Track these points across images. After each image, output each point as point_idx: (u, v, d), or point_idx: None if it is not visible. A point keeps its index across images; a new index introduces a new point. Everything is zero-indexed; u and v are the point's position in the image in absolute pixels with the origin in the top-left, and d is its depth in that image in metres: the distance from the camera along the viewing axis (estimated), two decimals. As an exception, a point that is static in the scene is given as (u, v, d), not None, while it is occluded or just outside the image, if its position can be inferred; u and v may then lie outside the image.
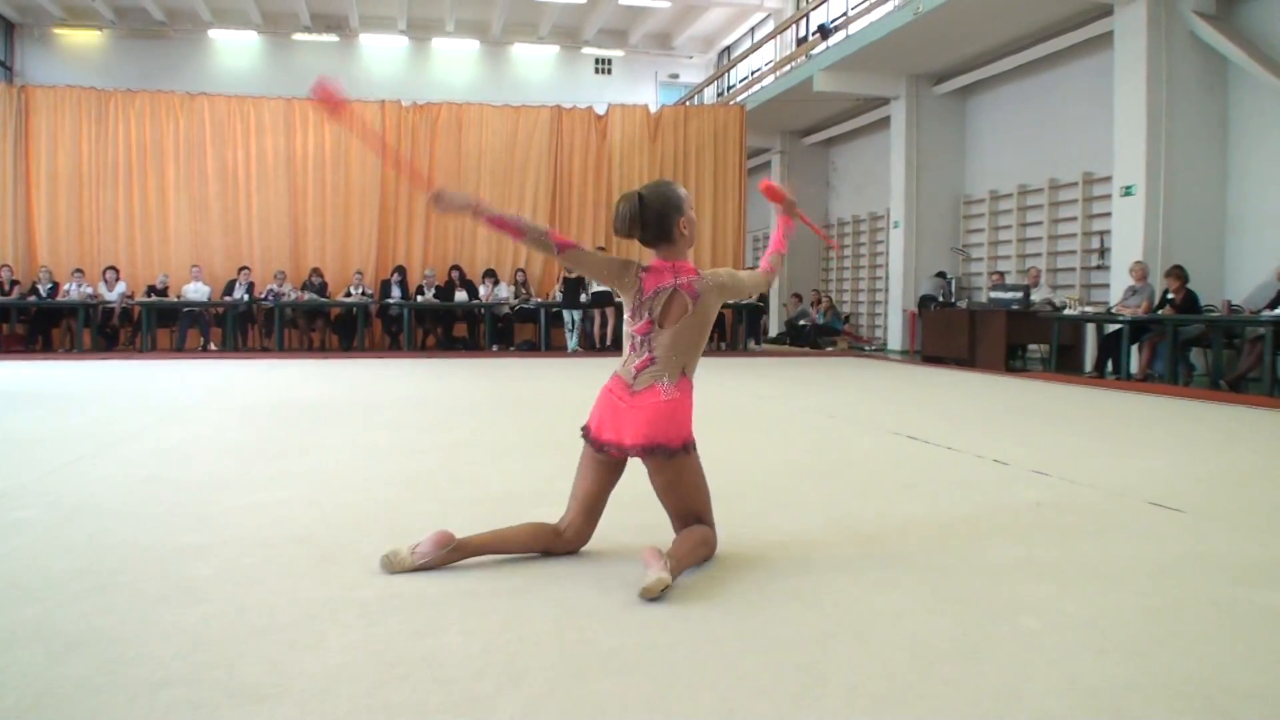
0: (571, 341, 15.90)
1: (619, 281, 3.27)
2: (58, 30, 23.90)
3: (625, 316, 3.31)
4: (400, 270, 16.32)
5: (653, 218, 3.19)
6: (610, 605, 2.73)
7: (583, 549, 3.32)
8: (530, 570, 3.08)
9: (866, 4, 18.13)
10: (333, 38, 25.31)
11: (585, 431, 3.31)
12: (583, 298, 15.78)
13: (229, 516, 3.79)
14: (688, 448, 3.20)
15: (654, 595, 2.78)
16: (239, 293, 15.39)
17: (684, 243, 3.24)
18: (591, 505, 3.30)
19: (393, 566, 3.03)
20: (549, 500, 4.12)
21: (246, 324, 15.91)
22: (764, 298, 18.33)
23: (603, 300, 15.69)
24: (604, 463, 3.28)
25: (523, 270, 16.76)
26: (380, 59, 25.75)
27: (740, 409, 7.95)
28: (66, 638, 2.41)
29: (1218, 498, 4.45)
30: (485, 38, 26.06)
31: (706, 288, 3.21)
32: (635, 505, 3.62)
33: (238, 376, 10.81)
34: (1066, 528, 3.76)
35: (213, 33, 24.65)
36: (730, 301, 3.65)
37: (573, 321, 15.88)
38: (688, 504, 3.25)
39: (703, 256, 17.64)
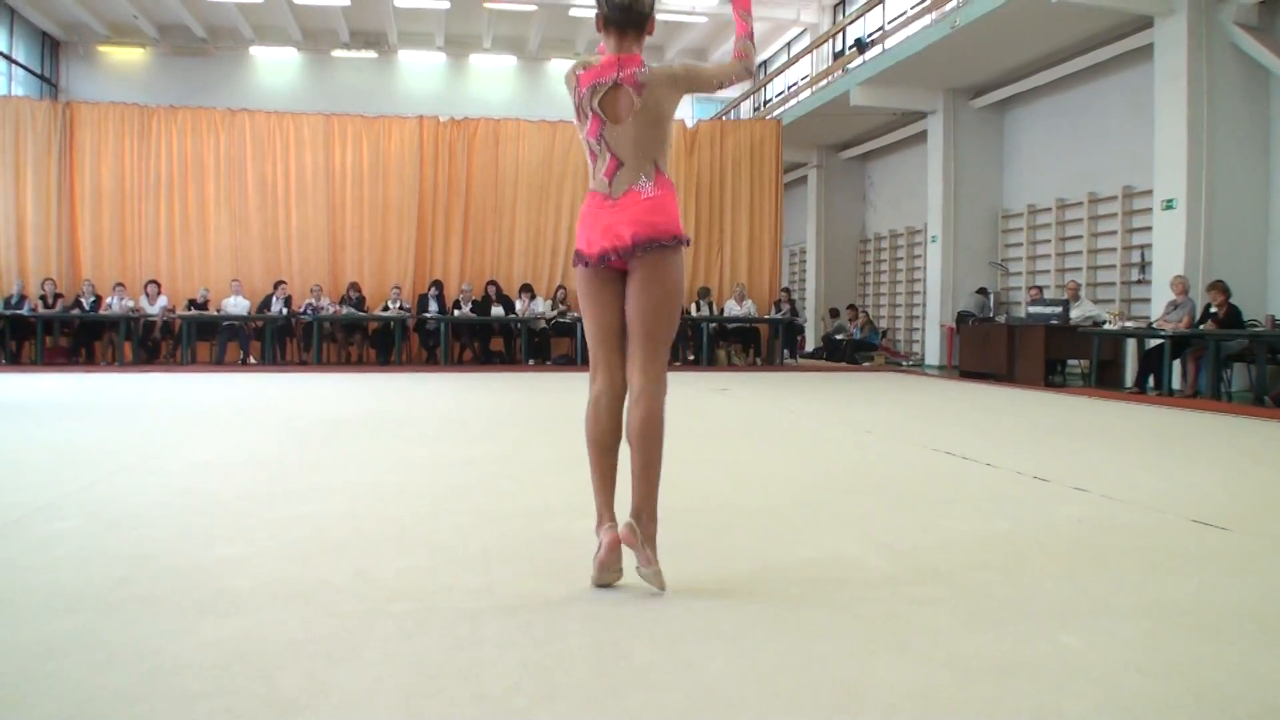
0: None
1: (572, 101, 3.12)
2: (102, 48, 24.31)
3: (578, 130, 3.13)
4: (437, 284, 16.41)
5: (629, 16, 3.10)
6: (645, 620, 2.72)
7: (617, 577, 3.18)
8: (566, 583, 3.08)
9: (904, 18, 18.09)
10: (371, 54, 25.56)
11: (578, 256, 3.08)
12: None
13: (267, 529, 3.82)
14: (678, 240, 3.01)
15: (663, 586, 2.89)
16: (277, 307, 15.54)
17: (642, 37, 3.15)
18: (618, 329, 3.07)
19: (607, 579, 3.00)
20: (586, 514, 4.12)
21: (285, 338, 16.04)
22: (797, 310, 18.27)
23: None
24: (606, 280, 3.05)
25: (563, 286, 16.82)
26: (418, 75, 25.97)
27: (776, 424, 7.93)
28: (107, 648, 2.43)
29: (1262, 515, 4.39)
30: (522, 53, 26.23)
31: (652, 77, 3.05)
32: (667, 522, 3.60)
33: (276, 390, 10.91)
34: (1107, 545, 3.71)
35: (254, 50, 25.00)
36: (693, 94, 3.35)
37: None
38: (662, 316, 3.02)
39: (739, 270, 17.64)
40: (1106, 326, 12.35)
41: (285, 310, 15.56)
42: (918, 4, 17.89)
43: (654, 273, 2.98)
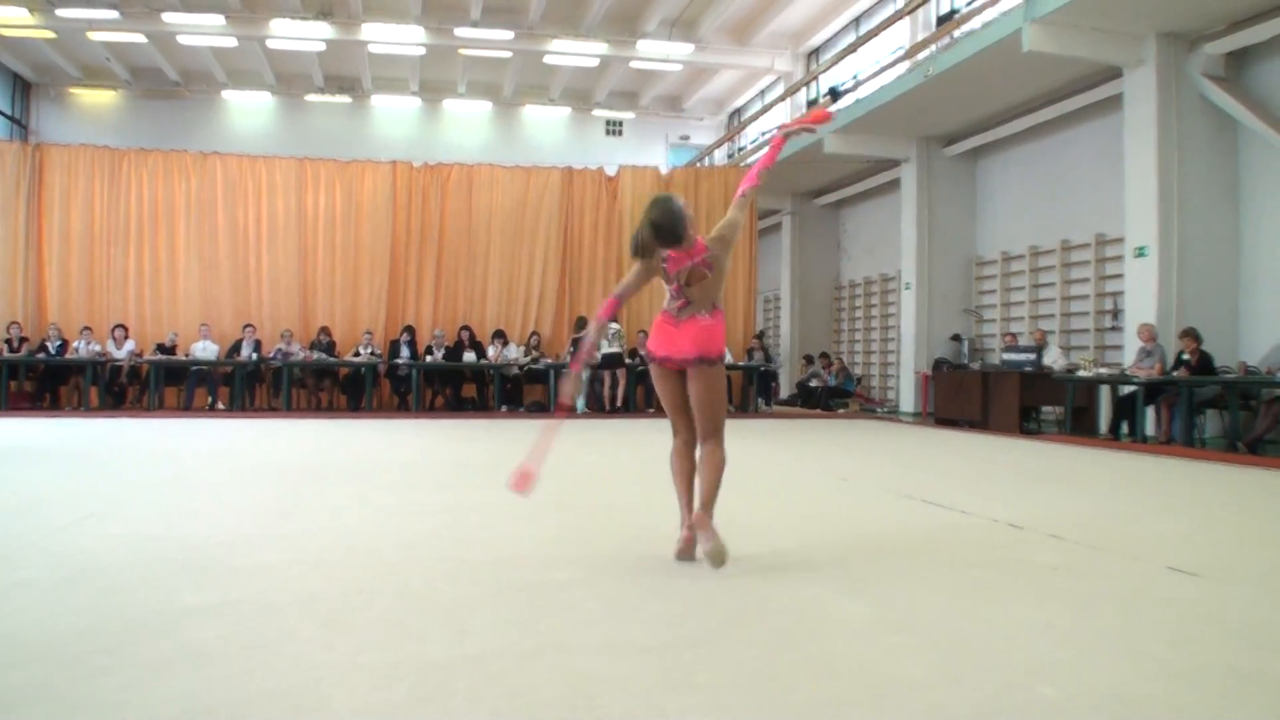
0: (580, 403, 15.89)
1: (653, 275, 4.28)
2: (74, 90, 24.31)
3: (668, 291, 4.29)
4: (409, 330, 16.35)
5: (668, 236, 4.12)
6: (618, 671, 2.70)
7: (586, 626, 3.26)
8: (537, 634, 3.05)
9: (877, 67, 18.32)
10: (345, 99, 25.65)
11: (649, 354, 4.31)
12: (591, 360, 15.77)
13: (234, 578, 3.77)
14: (721, 358, 4.22)
15: (722, 562, 3.93)
16: (246, 351, 15.45)
17: (694, 232, 4.19)
18: (682, 406, 4.31)
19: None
20: (557, 563, 4.11)
21: (254, 383, 15.93)
22: (771, 357, 18.32)
23: (613, 362, 15.68)
24: (668, 374, 4.27)
25: (536, 333, 16.84)
26: (392, 120, 26.06)
27: (749, 472, 7.92)
28: (65, 703, 2.39)
29: (1236, 562, 4.41)
30: (497, 99, 26.38)
31: (715, 255, 4.22)
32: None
33: (245, 436, 10.82)
34: (1083, 593, 3.72)
35: (226, 93, 25.03)
36: (735, 236, 4.37)
37: (582, 383, 15.83)
38: (715, 406, 4.23)
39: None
40: (1081, 373, 12.44)
41: (255, 355, 15.47)
42: (891, 53, 18.14)
43: (706, 378, 4.19)
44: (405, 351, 16.07)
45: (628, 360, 15.87)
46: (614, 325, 15.72)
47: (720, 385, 4.24)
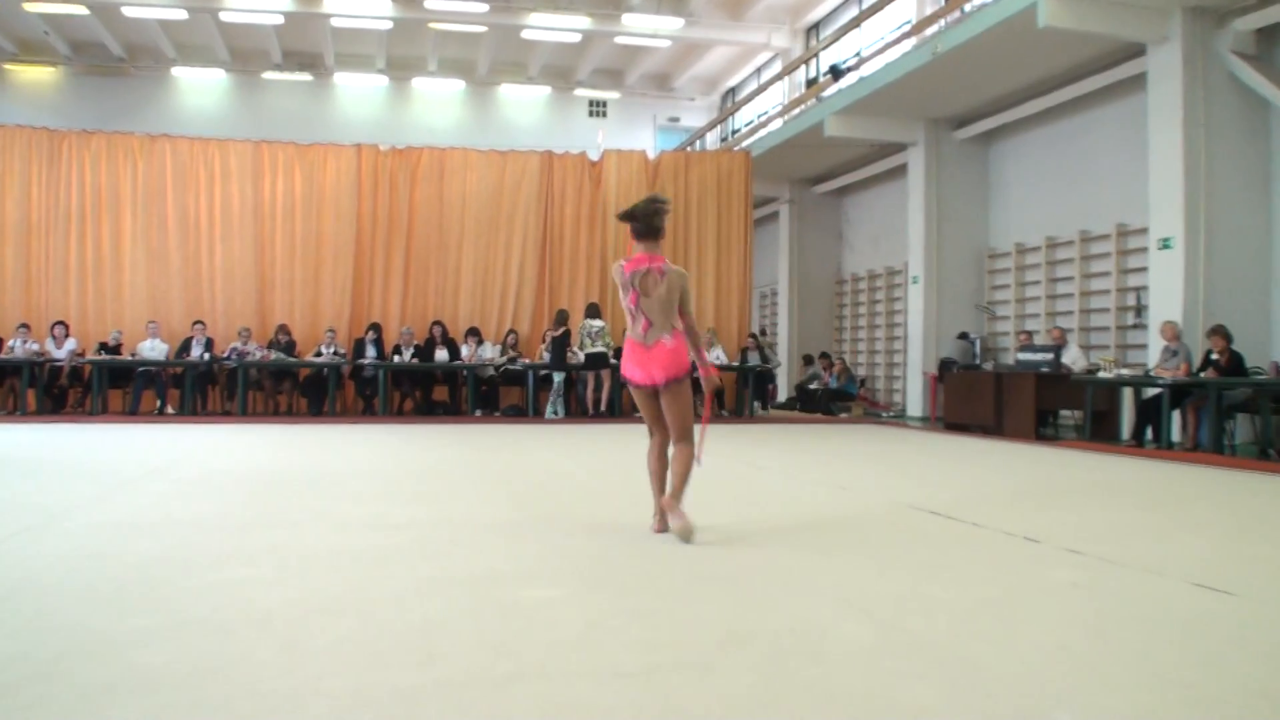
0: (550, 407, 15.88)
1: (619, 281, 5.30)
2: (9, 66, 24.21)
3: (621, 299, 5.30)
4: (375, 328, 16.29)
5: (645, 226, 5.32)
6: (600, 700, 2.70)
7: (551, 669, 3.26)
8: (512, 658, 3.04)
9: (881, 43, 18.36)
10: (306, 77, 25.61)
11: (625, 379, 5.35)
12: (572, 358, 15.71)
13: (184, 597, 3.75)
14: (687, 374, 5.21)
15: (689, 537, 4.92)
16: (198, 351, 15.40)
17: (661, 244, 5.36)
18: (658, 416, 5.29)
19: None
20: (535, 580, 4.10)
21: (207, 385, 15.86)
22: (768, 357, 18.35)
23: (597, 362, 15.66)
24: (644, 392, 5.27)
25: (513, 331, 16.83)
26: (357, 100, 26.04)
27: (742, 482, 7.93)
28: (1, 733, 2.38)
29: (1268, 578, 4.43)
30: (470, 78, 26.37)
31: (671, 270, 5.24)
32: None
33: (196, 443, 10.77)
34: (1104, 612, 3.72)
35: (176, 71, 24.96)
36: (685, 302, 5.30)
37: (559, 386, 15.78)
38: (684, 414, 5.21)
39: (705, 314, 17.66)
40: (1101, 375, 12.48)
41: (207, 355, 15.42)
42: (896, 29, 18.18)
43: (675, 395, 5.20)
44: (371, 351, 16.02)
45: (613, 360, 15.86)
46: (598, 323, 15.71)
47: (686, 397, 5.25)
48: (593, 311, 15.99)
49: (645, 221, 5.31)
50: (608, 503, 6.58)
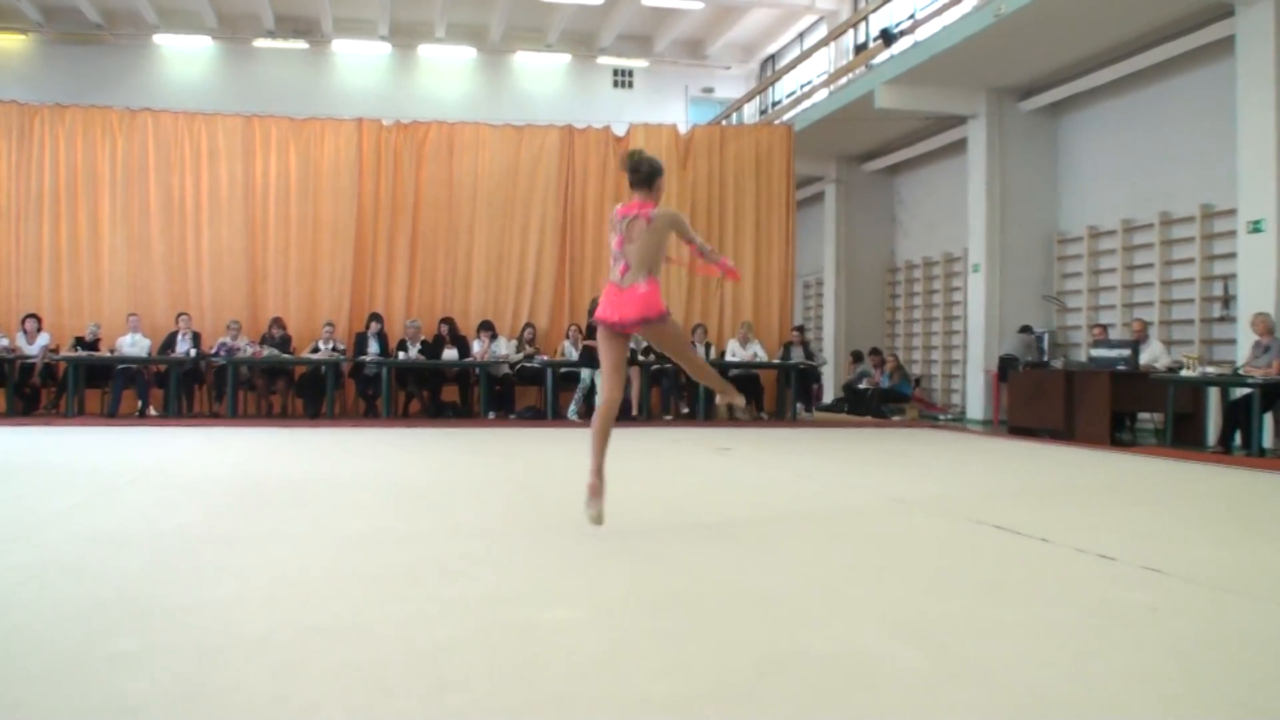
0: (573, 407, 15.90)
1: (610, 224, 6.00)
2: (-25, 35, 24.38)
3: (610, 240, 5.98)
4: (378, 320, 16.37)
5: (640, 175, 5.94)
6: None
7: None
8: (528, 685, 3.05)
9: (939, 4, 18.28)
10: (301, 44, 25.70)
11: (596, 319, 5.93)
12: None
13: (169, 617, 3.78)
14: (663, 316, 5.83)
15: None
16: (184, 347, 15.48)
17: (658, 194, 5.98)
18: (618, 368, 5.93)
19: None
20: (555, 600, 4.11)
21: (193, 385, 15.95)
22: (813, 354, 18.31)
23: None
24: (613, 336, 5.89)
25: (530, 324, 16.85)
26: (358, 69, 26.13)
27: (787, 491, 7.92)
28: (-29, 765, 2.40)
29: (1373, 602, 4.39)
30: (483, 45, 26.42)
31: (660, 215, 5.88)
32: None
33: (182, 448, 10.84)
34: (1185, 638, 3.70)
35: (159, 38, 25.09)
36: (683, 234, 6.04)
37: (590, 383, 15.70)
38: (681, 350, 6.25)
39: (743, 306, 17.67)
40: (1184, 373, 12.39)
41: (193, 351, 15.50)
42: (955, -12, 18.10)
43: (660, 333, 5.97)
44: (374, 347, 16.07)
45: (641, 357, 15.86)
46: None
47: (677, 332, 6.16)
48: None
49: (647, 178, 5.95)
50: (633, 514, 6.58)
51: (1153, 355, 13.23)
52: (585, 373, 15.82)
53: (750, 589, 4.40)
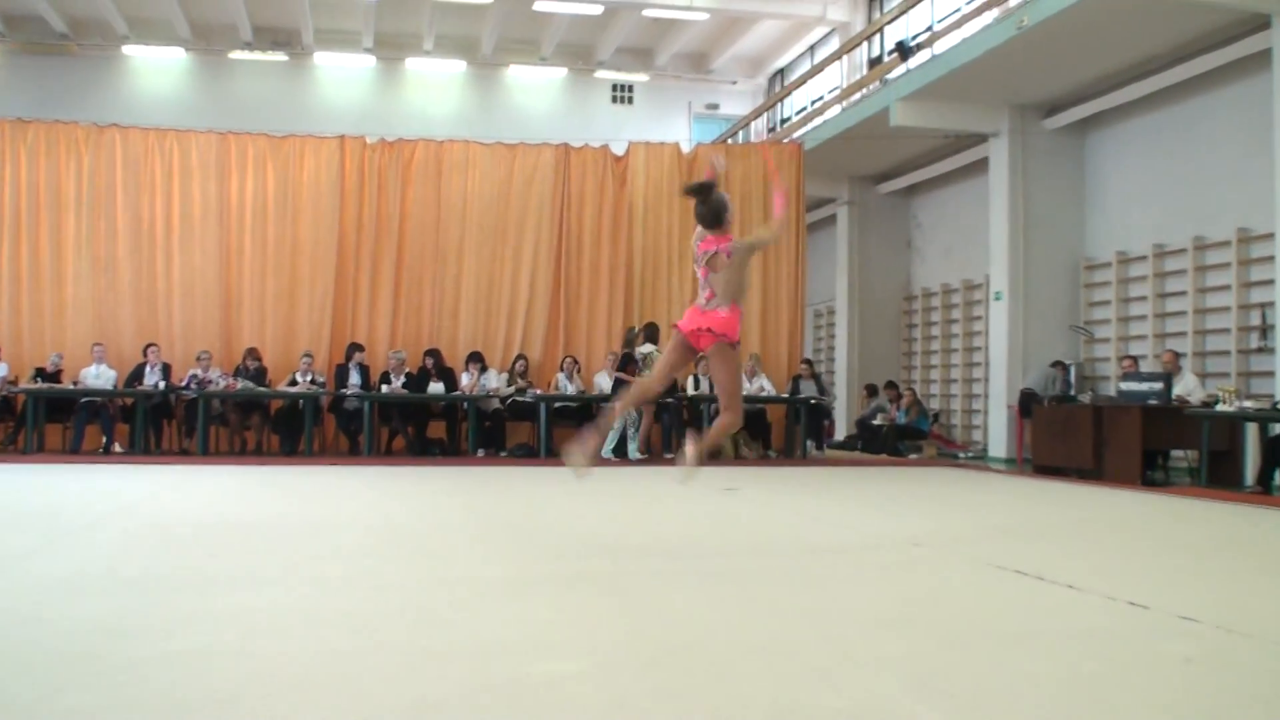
0: (632, 447, 15.67)
1: (694, 251, 6.80)
2: (-67, 46, 24.47)
3: (697, 273, 6.78)
4: (359, 350, 16.36)
5: (710, 218, 6.65)
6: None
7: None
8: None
9: (958, 15, 18.36)
10: (281, 56, 25.82)
11: (676, 328, 6.79)
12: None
13: (131, 671, 3.76)
14: (735, 344, 6.68)
15: (689, 477, 6.85)
16: (152, 379, 15.46)
17: (729, 226, 6.68)
18: (672, 368, 7.11)
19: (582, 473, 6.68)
20: (548, 652, 4.09)
21: (161, 420, 15.95)
22: (824, 388, 18.30)
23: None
24: (683, 347, 6.78)
25: (523, 356, 16.81)
26: (341, 83, 26.24)
27: (793, 535, 7.91)
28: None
29: None
30: (473, 58, 26.53)
31: (738, 247, 6.61)
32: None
33: (150, 487, 10.83)
34: (1224, 692, 3.69)
35: (128, 49, 25.20)
36: (760, 249, 7.26)
37: (637, 414, 15.57)
38: (732, 382, 6.78)
39: (749, 337, 17.63)
40: (1220, 407, 12.38)
41: (162, 384, 15.49)
42: (975, -2, 18.19)
43: (723, 358, 6.69)
44: (355, 379, 16.06)
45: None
46: (650, 347, 15.66)
47: (734, 368, 6.84)
48: (652, 335, 15.87)
49: (713, 213, 6.63)
50: (632, 559, 6.56)
51: (1186, 388, 13.23)
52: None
53: (756, 639, 4.38)
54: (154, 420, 15.72)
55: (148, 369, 15.57)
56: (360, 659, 4.00)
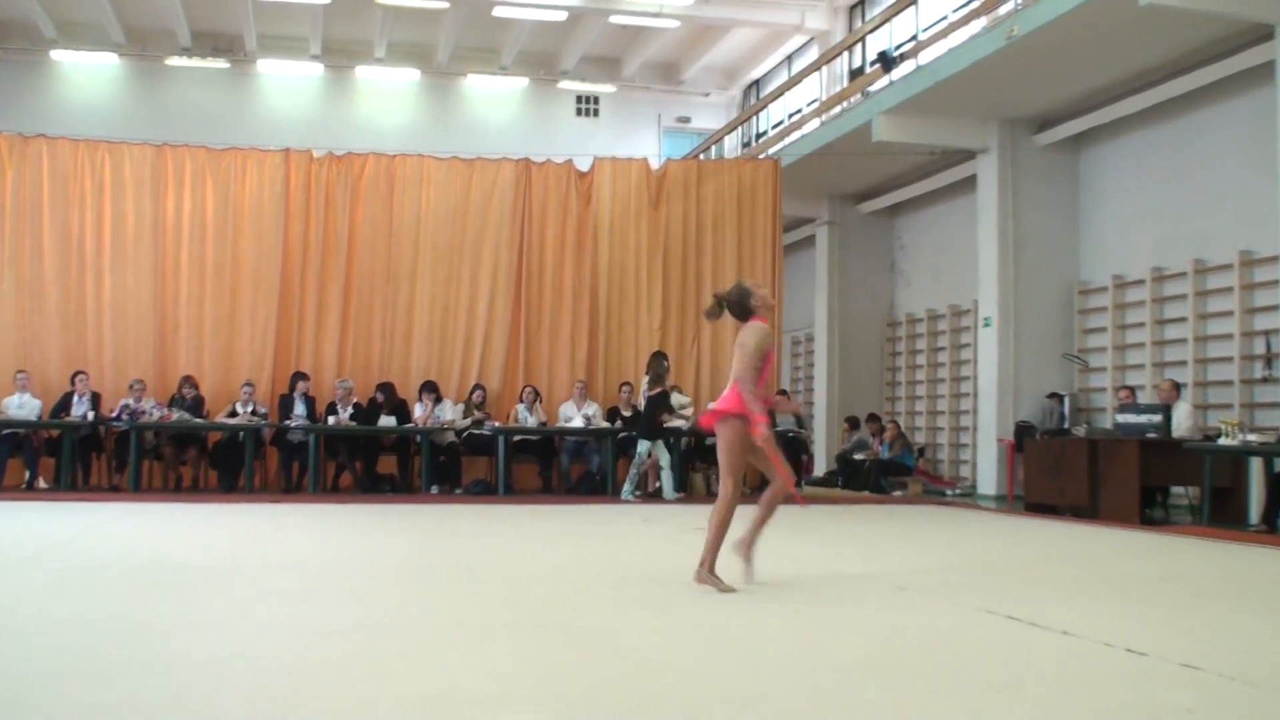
0: (629, 485, 15.46)
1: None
2: None
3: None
4: (304, 379, 16.24)
5: (738, 313, 7.39)
6: None
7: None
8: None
9: (944, 24, 18.47)
10: (221, 64, 25.77)
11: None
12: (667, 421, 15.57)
13: (59, 724, 3.74)
14: (726, 419, 7.09)
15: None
16: (80, 409, 15.35)
17: (763, 309, 7.41)
18: (732, 470, 7.22)
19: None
20: (507, 704, 4.09)
21: (90, 453, 15.83)
22: (802, 423, 18.33)
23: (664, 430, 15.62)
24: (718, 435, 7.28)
25: (480, 386, 16.76)
26: (286, 93, 26.23)
27: (769, 578, 7.91)
28: None
29: None
30: (428, 67, 26.55)
31: (742, 341, 7.21)
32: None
33: (77, 525, 10.75)
34: (1229, 746, 3.71)
35: (57, 54, 25.12)
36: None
37: (647, 458, 15.54)
38: (727, 452, 7.17)
39: (723, 365, 17.57)
40: (1222, 441, 12.43)
41: (91, 414, 15.38)
42: (962, 6, 18.29)
43: (721, 431, 7.14)
44: (300, 410, 15.97)
45: (604, 422, 15.92)
46: (685, 398, 15.72)
47: (730, 439, 7.13)
48: (657, 361, 15.88)
49: (738, 305, 7.41)
50: (599, 605, 6.56)
51: (1178, 419, 13.25)
52: (643, 445, 15.49)
53: (729, 688, 4.38)
54: (82, 454, 15.60)
55: (75, 398, 15.44)
56: (305, 710, 3.99)
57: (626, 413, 16.40)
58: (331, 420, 15.91)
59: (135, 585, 6.97)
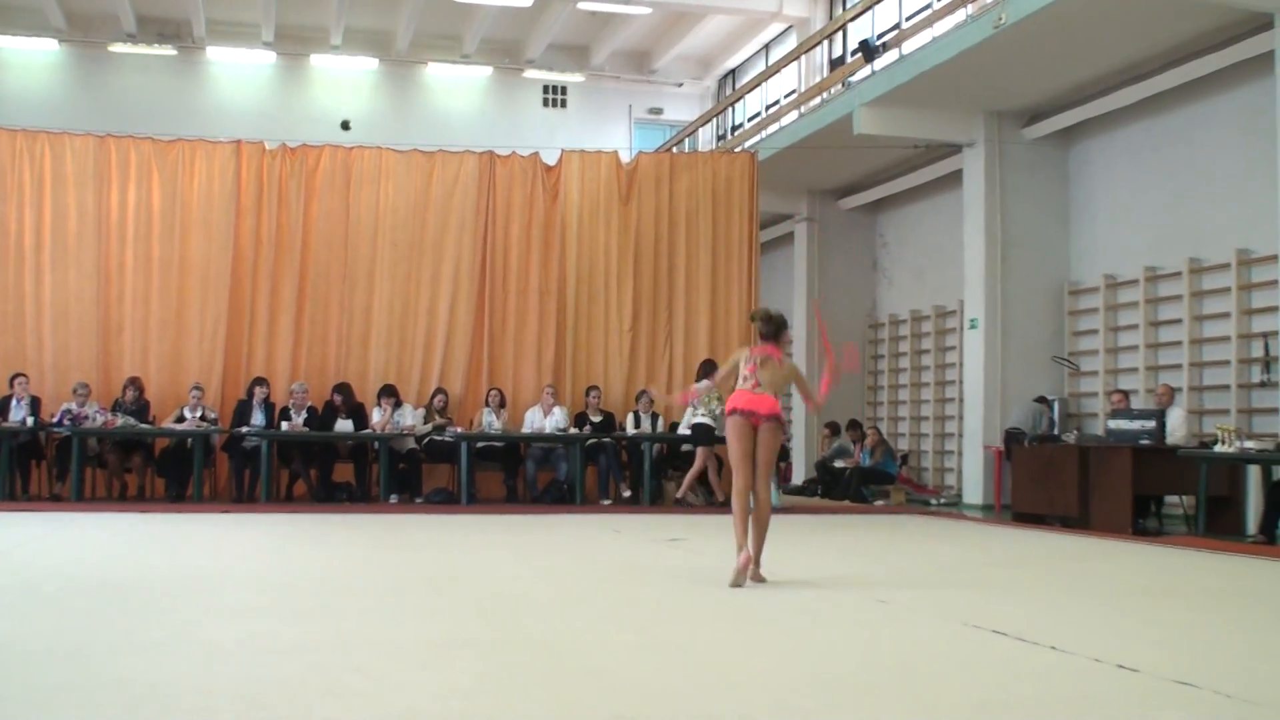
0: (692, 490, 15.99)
1: (741, 360, 8.37)
2: None
3: (740, 367, 8.31)
4: (260, 383, 16.17)
5: (775, 333, 8.31)
6: None
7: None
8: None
9: (928, 12, 18.50)
10: (169, 50, 25.67)
11: (730, 410, 8.12)
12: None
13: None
14: (783, 423, 8.42)
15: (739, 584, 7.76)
16: (19, 414, 15.26)
17: (785, 343, 8.55)
18: (747, 454, 8.05)
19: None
20: (470, 725, 4.08)
21: (29, 460, 15.75)
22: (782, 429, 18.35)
23: (701, 437, 15.91)
24: (742, 426, 8.03)
25: (442, 390, 16.72)
26: (237, 81, 26.14)
27: (745, 593, 7.92)
28: None
29: None
30: (387, 55, 26.49)
31: (790, 363, 8.48)
32: None
33: (14, 538, 10.69)
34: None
35: (-7, 41, 24.96)
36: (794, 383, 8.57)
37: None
38: (771, 460, 8.21)
39: (695, 364, 17.60)
40: (1218, 448, 12.48)
41: (30, 419, 15.30)
42: (947, -7, 18.37)
43: (772, 433, 8.08)
44: (259, 419, 15.87)
45: (574, 430, 15.97)
46: (703, 383, 15.77)
47: (779, 443, 8.49)
48: (708, 370, 15.80)
49: (776, 330, 8.32)
50: (566, 621, 6.55)
51: (1170, 425, 13.29)
52: (701, 454, 15.98)
53: (701, 709, 4.38)
54: (20, 461, 15.48)
55: (14, 402, 15.35)
56: (257, 734, 3.98)
57: (595, 418, 16.41)
58: (285, 425, 15.82)
59: (74, 603, 6.93)
